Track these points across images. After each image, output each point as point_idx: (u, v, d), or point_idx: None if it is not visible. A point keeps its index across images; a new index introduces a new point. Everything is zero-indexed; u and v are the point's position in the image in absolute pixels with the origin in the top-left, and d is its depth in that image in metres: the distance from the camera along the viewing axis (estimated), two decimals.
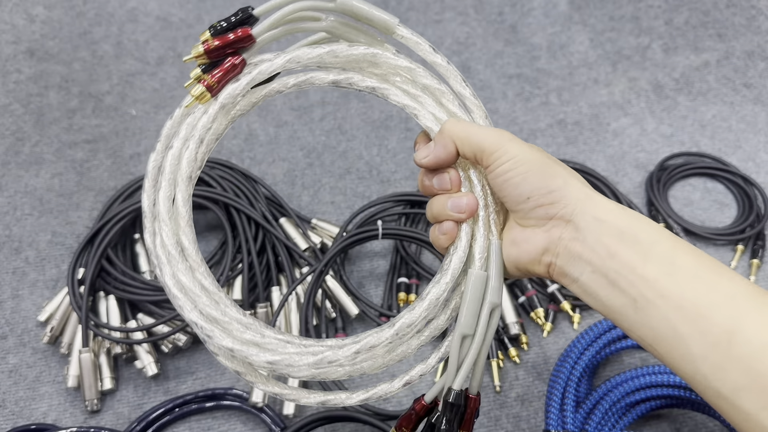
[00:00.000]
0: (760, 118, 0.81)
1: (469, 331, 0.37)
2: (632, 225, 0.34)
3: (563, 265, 0.35)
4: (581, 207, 0.35)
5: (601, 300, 0.34)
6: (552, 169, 0.36)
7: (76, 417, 0.58)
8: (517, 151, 0.36)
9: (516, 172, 0.35)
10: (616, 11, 0.95)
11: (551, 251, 0.36)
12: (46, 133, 0.80)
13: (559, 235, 0.35)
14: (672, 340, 0.31)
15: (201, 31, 0.38)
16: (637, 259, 0.32)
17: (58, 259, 0.68)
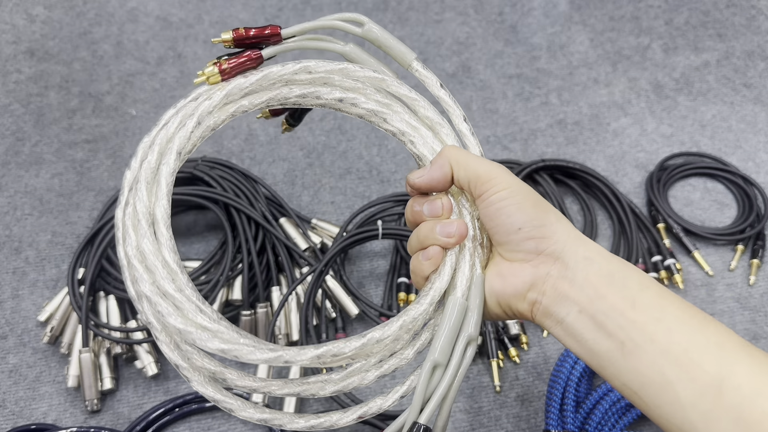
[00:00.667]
0: (760, 118, 0.81)
1: (442, 360, 0.34)
2: (621, 269, 0.33)
3: (549, 304, 0.34)
4: (571, 245, 0.34)
5: (587, 343, 0.33)
6: (545, 205, 0.36)
7: (76, 417, 0.58)
8: (512, 181, 0.36)
9: (511, 201, 0.35)
10: (616, 11, 0.95)
11: (538, 288, 0.35)
12: (46, 133, 0.80)
13: (547, 271, 0.35)
14: (660, 387, 0.30)
15: (201, 31, 0.39)
16: (626, 303, 0.32)
17: (58, 259, 0.68)
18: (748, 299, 0.65)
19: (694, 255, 0.67)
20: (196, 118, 0.37)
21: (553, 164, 0.72)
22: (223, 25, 0.93)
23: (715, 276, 0.67)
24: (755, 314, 0.64)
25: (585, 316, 0.33)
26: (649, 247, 0.68)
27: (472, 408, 0.58)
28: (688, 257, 0.68)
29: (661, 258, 0.66)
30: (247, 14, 0.95)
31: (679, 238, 0.69)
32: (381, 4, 0.96)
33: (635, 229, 0.68)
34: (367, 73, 0.39)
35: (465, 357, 0.34)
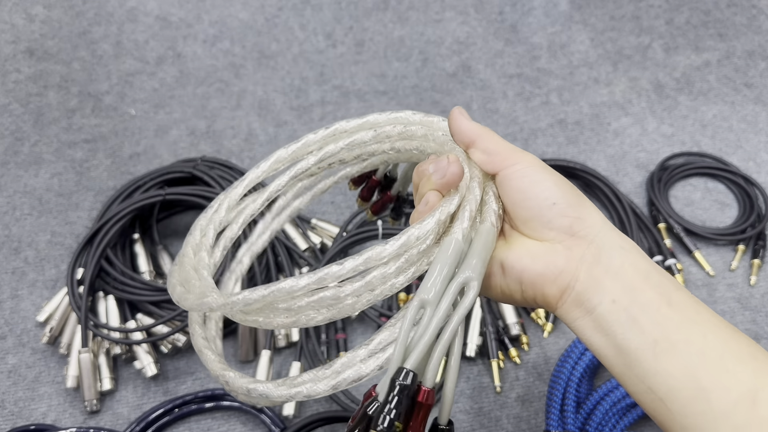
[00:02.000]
0: (761, 117, 0.81)
1: (429, 297, 0.30)
2: (656, 268, 0.31)
3: (583, 291, 0.31)
4: (606, 233, 0.32)
5: (616, 338, 0.30)
6: (575, 189, 0.34)
7: (76, 417, 0.58)
8: (536, 161, 0.34)
9: (544, 175, 0.33)
10: (616, 11, 0.95)
11: (571, 272, 0.32)
12: (46, 133, 0.80)
13: (581, 254, 0.32)
14: (692, 393, 0.28)
15: (200, 31, 0.38)
16: (663, 299, 0.29)
17: (58, 259, 0.68)
18: (749, 299, 0.65)
19: (695, 255, 0.67)
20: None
21: (553, 164, 0.72)
22: (222, 25, 0.93)
23: (716, 276, 0.66)
24: (756, 314, 0.64)
25: (619, 307, 0.30)
26: (650, 247, 0.68)
27: (473, 408, 0.58)
28: (689, 257, 0.68)
29: (662, 258, 0.66)
30: (246, 14, 0.95)
31: (680, 238, 0.68)
32: (381, 4, 0.96)
33: (636, 229, 0.68)
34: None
35: (462, 302, 0.29)
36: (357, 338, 0.62)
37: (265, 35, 0.93)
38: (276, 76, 0.88)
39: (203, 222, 0.39)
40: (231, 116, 0.83)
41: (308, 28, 0.94)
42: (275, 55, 0.90)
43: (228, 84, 0.86)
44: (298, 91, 0.86)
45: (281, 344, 0.61)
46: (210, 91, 0.85)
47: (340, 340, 0.61)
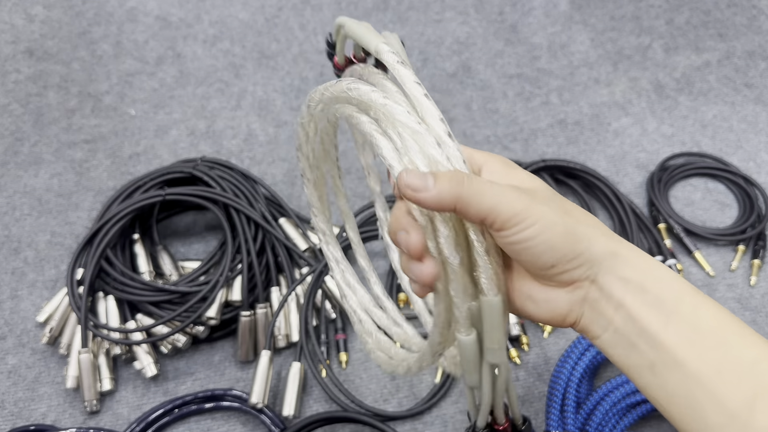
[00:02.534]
0: (761, 118, 0.81)
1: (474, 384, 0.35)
2: (657, 284, 0.32)
3: (587, 324, 0.34)
4: (606, 266, 0.32)
5: (620, 358, 0.33)
6: (577, 230, 0.32)
7: (76, 418, 0.58)
8: (539, 214, 0.31)
9: (540, 240, 0.31)
10: (616, 11, 0.95)
11: (575, 312, 0.34)
12: (45, 133, 0.80)
13: (583, 295, 0.33)
14: (688, 407, 0.30)
15: (200, 31, 0.38)
16: (659, 322, 0.31)
17: (57, 260, 0.68)
18: (749, 300, 0.65)
19: (695, 255, 0.67)
20: None
21: (553, 164, 0.72)
22: (222, 25, 0.93)
23: (716, 276, 0.66)
24: (756, 315, 0.64)
25: (619, 335, 0.32)
26: (650, 247, 0.68)
27: None
28: (689, 258, 0.68)
29: (662, 258, 0.66)
30: (246, 14, 0.95)
31: (680, 239, 0.68)
32: (381, 4, 0.96)
33: (636, 229, 0.68)
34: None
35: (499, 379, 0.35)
36: (357, 338, 0.62)
37: (265, 35, 0.93)
38: (276, 76, 0.87)
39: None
40: (231, 116, 0.83)
41: (308, 28, 0.94)
42: (275, 55, 0.90)
43: (228, 84, 0.86)
44: (298, 91, 0.86)
45: (281, 344, 0.60)
46: (210, 91, 0.85)
47: (340, 340, 0.61)
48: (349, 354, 0.61)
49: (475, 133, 0.80)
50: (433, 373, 0.60)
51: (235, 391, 0.58)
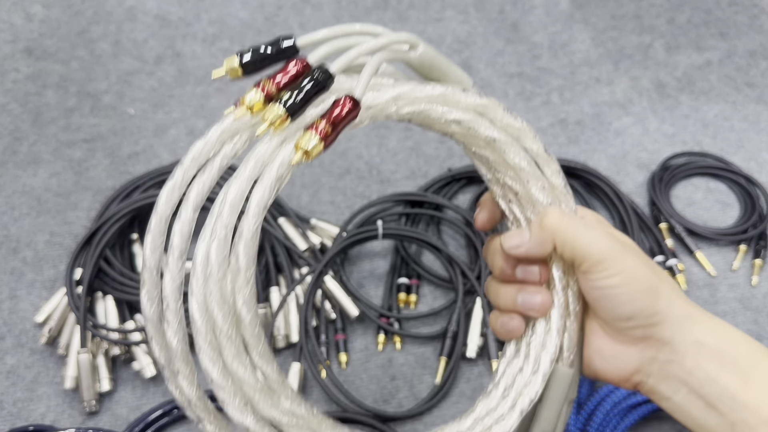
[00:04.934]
0: (763, 117, 0.81)
1: (549, 428, 0.36)
2: (732, 346, 0.32)
3: (655, 384, 0.34)
4: (682, 329, 0.33)
5: (696, 419, 0.33)
6: (658, 288, 0.33)
7: (74, 418, 0.58)
8: (628, 263, 0.32)
9: (624, 290, 0.32)
10: (617, 10, 0.95)
11: (643, 371, 0.34)
12: (44, 133, 0.80)
13: (653, 355, 0.33)
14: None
15: (200, 30, 0.37)
16: (738, 383, 0.31)
17: (56, 260, 0.68)
18: (750, 300, 0.64)
19: (696, 255, 0.67)
20: (276, 173, 0.31)
21: None
22: (221, 24, 0.93)
23: (717, 276, 0.66)
24: (758, 315, 0.63)
25: (695, 397, 0.32)
26: (651, 247, 0.67)
27: None
28: (691, 257, 0.67)
29: (663, 258, 0.65)
30: (246, 13, 0.95)
31: (681, 239, 0.68)
32: (381, 3, 0.96)
33: (637, 229, 0.67)
34: (471, 99, 0.33)
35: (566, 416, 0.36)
36: (357, 339, 0.62)
37: (264, 34, 0.92)
38: None
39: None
40: None
41: (308, 27, 0.93)
42: None
43: (227, 83, 0.86)
44: None
45: (281, 345, 0.60)
46: (209, 91, 0.85)
47: (340, 340, 0.61)
48: (349, 354, 0.61)
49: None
50: (433, 373, 0.60)
51: None
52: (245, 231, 0.29)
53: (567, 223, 0.34)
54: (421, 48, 0.32)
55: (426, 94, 0.32)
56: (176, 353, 0.31)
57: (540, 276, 0.36)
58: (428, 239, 0.64)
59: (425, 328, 0.63)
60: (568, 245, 0.33)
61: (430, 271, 0.65)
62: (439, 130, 0.35)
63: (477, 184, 0.73)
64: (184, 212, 0.30)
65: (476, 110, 0.34)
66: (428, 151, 0.78)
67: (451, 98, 0.32)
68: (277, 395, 0.30)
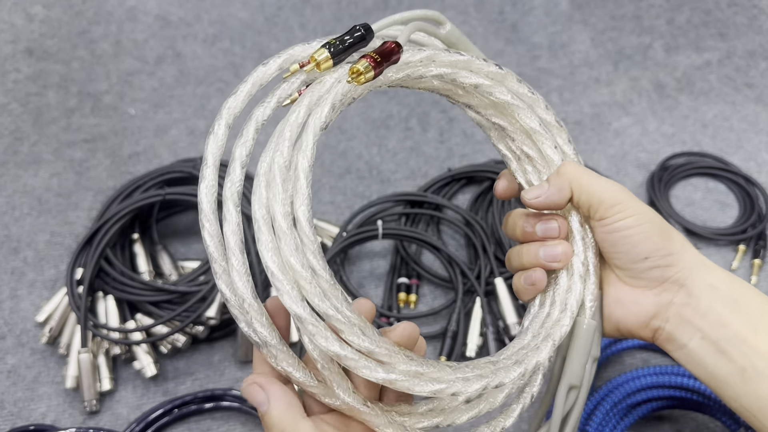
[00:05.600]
0: (762, 117, 0.81)
1: (576, 382, 0.36)
2: (743, 295, 0.33)
3: (672, 330, 0.35)
4: (696, 273, 0.34)
5: (707, 368, 0.34)
6: (671, 232, 0.35)
7: (75, 418, 0.58)
8: (638, 207, 0.35)
9: (638, 229, 0.34)
10: (617, 10, 0.95)
11: (661, 316, 0.35)
12: (45, 133, 0.80)
13: (670, 299, 0.35)
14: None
15: (200, 30, 0.37)
16: (749, 329, 0.32)
17: (57, 259, 0.68)
18: None
19: None
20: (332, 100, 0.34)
21: None
22: (222, 24, 0.93)
23: None
24: None
25: (707, 342, 0.33)
26: None
27: None
28: None
29: None
30: (246, 13, 0.95)
31: None
32: (381, 3, 0.96)
33: None
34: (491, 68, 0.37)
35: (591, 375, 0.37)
36: None
37: (264, 35, 0.92)
38: None
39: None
40: None
41: (308, 27, 0.93)
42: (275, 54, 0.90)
43: (228, 84, 0.86)
44: None
45: None
46: (210, 91, 0.85)
47: None
48: None
49: (475, 133, 0.80)
50: None
51: (234, 391, 0.57)
52: (304, 143, 0.33)
53: (582, 171, 0.36)
54: (448, 26, 0.38)
55: (453, 59, 0.36)
56: (231, 247, 0.33)
57: (559, 230, 0.37)
58: (428, 239, 0.64)
59: (425, 327, 0.63)
60: (584, 190, 0.35)
61: (430, 270, 0.65)
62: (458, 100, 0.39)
63: (477, 184, 0.74)
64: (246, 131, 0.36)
65: (495, 78, 0.37)
66: (428, 151, 0.78)
67: (473, 65, 0.36)
68: (328, 295, 0.31)
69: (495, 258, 0.65)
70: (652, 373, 0.54)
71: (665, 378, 0.53)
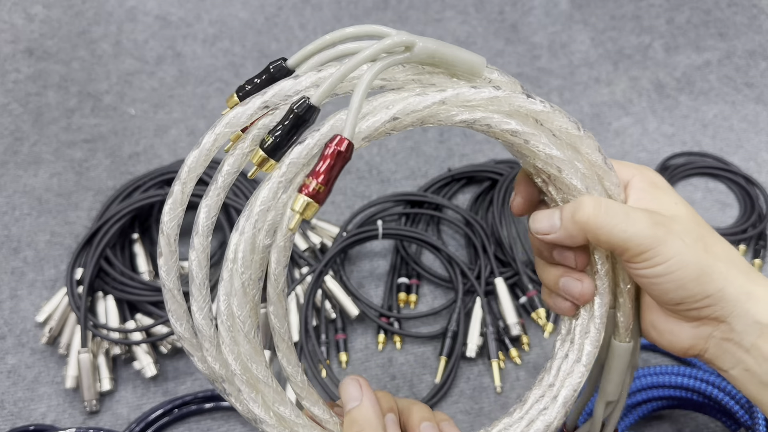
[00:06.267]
0: (762, 117, 0.81)
1: (614, 398, 0.38)
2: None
3: (712, 358, 0.33)
4: (740, 309, 0.31)
5: (751, 394, 0.32)
6: (713, 270, 0.31)
7: (75, 418, 0.58)
8: (673, 252, 0.30)
9: (669, 277, 0.30)
10: (617, 10, 0.95)
11: (698, 346, 0.33)
12: (45, 133, 0.80)
13: (709, 332, 0.32)
14: None
15: (200, 30, 0.37)
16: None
17: (57, 259, 0.68)
18: None
19: None
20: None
21: None
22: (222, 24, 0.93)
23: None
24: None
25: (750, 374, 0.31)
26: None
27: (473, 409, 0.58)
28: None
29: None
30: (246, 13, 0.95)
31: None
32: (381, 3, 0.96)
33: None
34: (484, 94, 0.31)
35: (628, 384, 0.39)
36: (357, 338, 0.62)
37: (264, 35, 0.92)
38: None
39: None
40: None
41: (308, 27, 0.93)
42: (275, 54, 0.90)
43: (228, 83, 0.86)
44: None
45: None
46: (210, 91, 0.85)
47: (340, 340, 0.61)
48: (349, 354, 0.61)
49: (475, 133, 0.80)
50: (433, 373, 0.60)
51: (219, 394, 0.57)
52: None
53: (602, 216, 0.31)
54: (417, 47, 0.29)
55: (425, 104, 0.29)
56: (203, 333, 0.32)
57: (576, 262, 0.34)
58: (428, 239, 0.64)
59: (425, 327, 0.63)
60: (602, 240, 0.31)
61: (430, 270, 0.65)
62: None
63: (477, 184, 0.73)
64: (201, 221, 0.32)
65: (489, 104, 0.31)
66: (428, 151, 0.78)
67: (455, 102, 0.30)
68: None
69: (495, 258, 0.65)
70: (652, 373, 0.54)
71: (665, 378, 0.53)
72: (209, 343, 0.32)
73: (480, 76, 0.32)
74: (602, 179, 0.34)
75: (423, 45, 0.29)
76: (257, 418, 0.33)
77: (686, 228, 0.31)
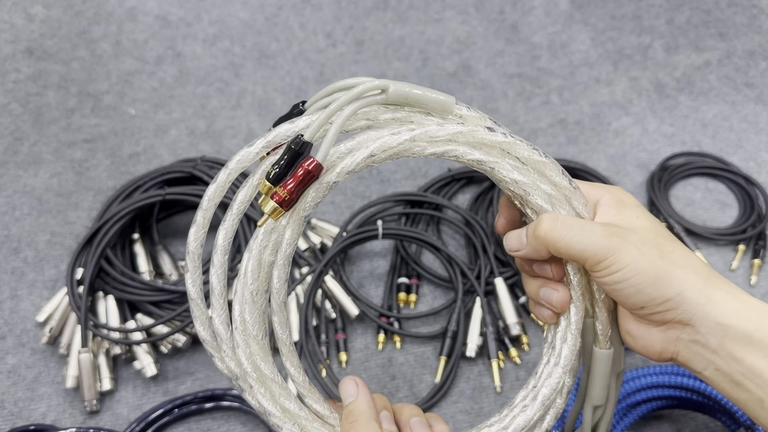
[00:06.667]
0: (762, 117, 0.81)
1: (600, 402, 0.40)
2: (758, 329, 0.32)
3: (685, 361, 0.35)
4: (701, 311, 0.33)
5: (726, 392, 0.34)
6: (670, 275, 0.33)
7: (75, 417, 0.58)
8: (628, 259, 0.33)
9: (627, 283, 0.33)
10: (617, 10, 0.95)
11: (670, 349, 0.35)
12: (45, 133, 0.80)
13: (677, 335, 0.34)
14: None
15: (200, 30, 0.37)
16: (764, 362, 0.32)
17: (57, 259, 0.68)
18: None
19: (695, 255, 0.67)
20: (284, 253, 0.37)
21: None
22: (222, 24, 0.93)
23: None
24: None
25: (721, 374, 0.33)
26: None
27: (473, 409, 0.58)
28: None
29: None
30: (246, 13, 0.95)
31: (681, 238, 0.68)
32: (381, 3, 0.96)
33: None
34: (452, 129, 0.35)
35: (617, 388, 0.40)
36: (357, 338, 0.62)
37: (264, 35, 0.92)
38: (276, 75, 0.87)
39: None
40: (231, 116, 0.83)
41: (308, 27, 0.93)
42: (275, 54, 0.90)
43: (228, 83, 0.86)
44: (298, 91, 0.86)
45: None
46: (210, 91, 0.85)
47: (340, 340, 0.61)
48: (349, 354, 0.61)
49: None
50: (433, 373, 0.60)
51: (235, 390, 0.57)
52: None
53: (559, 231, 0.34)
54: (390, 90, 0.33)
55: (399, 142, 0.34)
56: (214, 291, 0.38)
57: (553, 274, 0.38)
58: (428, 239, 0.64)
59: (425, 327, 0.63)
60: (562, 252, 0.35)
61: (430, 270, 0.65)
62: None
63: (477, 184, 0.74)
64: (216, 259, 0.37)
65: (455, 139, 0.35)
66: None
67: (424, 138, 0.34)
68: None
69: (495, 258, 0.65)
70: (652, 373, 0.54)
71: (665, 378, 0.53)
72: (226, 345, 0.37)
73: (451, 112, 0.36)
74: (570, 199, 0.37)
75: (395, 88, 0.34)
76: (266, 410, 0.37)
77: (643, 238, 0.34)
